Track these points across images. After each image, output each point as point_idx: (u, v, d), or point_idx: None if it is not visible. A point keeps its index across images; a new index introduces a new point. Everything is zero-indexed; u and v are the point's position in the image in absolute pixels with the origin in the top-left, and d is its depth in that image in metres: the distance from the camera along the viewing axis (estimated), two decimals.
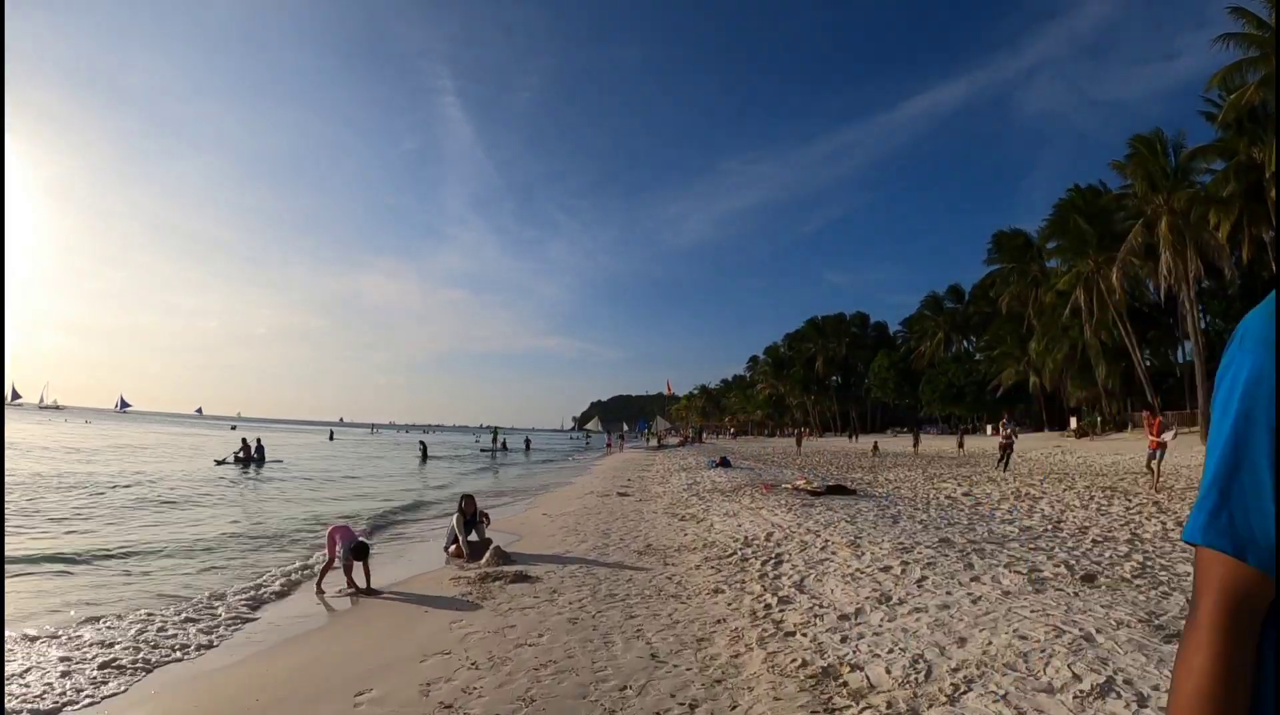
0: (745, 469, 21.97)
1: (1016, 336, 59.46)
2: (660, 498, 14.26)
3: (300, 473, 23.73)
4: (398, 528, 11.84)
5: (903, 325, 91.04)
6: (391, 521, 12.69)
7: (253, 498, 16.16)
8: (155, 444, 38.71)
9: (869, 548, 7.47)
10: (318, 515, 12.72)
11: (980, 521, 9.84)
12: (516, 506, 14.76)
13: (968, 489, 15.16)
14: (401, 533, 11.17)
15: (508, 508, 14.53)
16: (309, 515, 12.83)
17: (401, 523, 12.46)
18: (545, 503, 14.86)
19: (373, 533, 10.60)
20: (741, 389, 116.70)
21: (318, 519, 12.09)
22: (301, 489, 18.32)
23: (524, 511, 13.42)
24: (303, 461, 30.61)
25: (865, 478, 18.91)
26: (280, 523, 11.77)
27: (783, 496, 12.67)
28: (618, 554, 8.00)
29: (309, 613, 6.28)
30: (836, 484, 13.77)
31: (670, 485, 17.01)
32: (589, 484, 19.64)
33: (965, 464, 25.24)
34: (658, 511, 11.86)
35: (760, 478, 17.66)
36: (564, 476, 25.28)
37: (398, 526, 12.05)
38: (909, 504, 11.96)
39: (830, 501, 11.89)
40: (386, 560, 8.92)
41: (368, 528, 11.10)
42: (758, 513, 10.55)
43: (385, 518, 12.94)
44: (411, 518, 13.24)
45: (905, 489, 15.42)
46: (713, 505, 11.97)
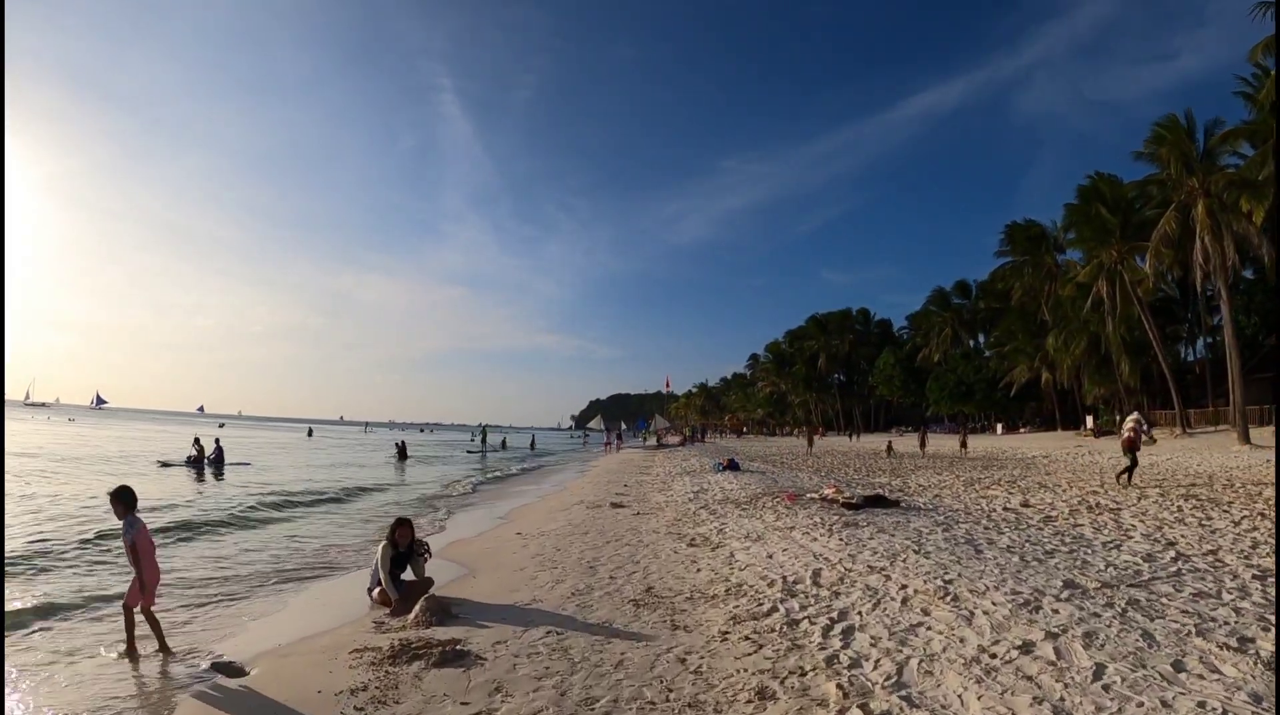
0: (756, 472, 19.56)
1: (1029, 332, 57.18)
2: (662, 510, 11.86)
3: (259, 477, 21.29)
4: (332, 551, 9.40)
5: (907, 322, 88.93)
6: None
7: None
8: (117, 445, 36.26)
9: (973, 600, 5.11)
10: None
11: (1079, 547, 7.51)
12: (485, 520, 12.37)
13: (1023, 497, 12.81)
14: (336, 561, 8.75)
15: (474, 522, 12.15)
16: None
17: (337, 547, 10.00)
18: (523, 516, 12.43)
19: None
20: (742, 387, 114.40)
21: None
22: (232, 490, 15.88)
23: (493, 528, 10.99)
24: (275, 463, 28.18)
25: (893, 482, 16.55)
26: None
27: (813, 510, 10.30)
28: (605, 604, 5.60)
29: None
30: (875, 494, 11.40)
31: (673, 493, 14.63)
32: (580, 490, 17.23)
33: (992, 465, 22.87)
34: (659, 531, 9.46)
35: (778, 484, 15.27)
36: (552, 480, 22.87)
37: (332, 547, 9.61)
38: (970, 519, 9.60)
39: (874, 517, 9.52)
40: (287, 599, 6.54)
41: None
42: (789, 535, 8.17)
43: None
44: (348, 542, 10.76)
45: (948, 497, 13.09)
46: (728, 522, 9.59)
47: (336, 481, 19.68)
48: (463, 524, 11.90)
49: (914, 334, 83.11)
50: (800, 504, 11.11)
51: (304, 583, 7.34)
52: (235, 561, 8.37)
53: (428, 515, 13.22)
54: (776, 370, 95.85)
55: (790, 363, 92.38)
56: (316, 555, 9.00)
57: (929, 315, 77.17)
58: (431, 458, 36.66)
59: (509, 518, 12.24)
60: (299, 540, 10.11)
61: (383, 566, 5.89)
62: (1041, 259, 56.72)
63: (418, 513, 13.22)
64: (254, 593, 6.75)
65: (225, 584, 7.12)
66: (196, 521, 11.21)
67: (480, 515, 13.13)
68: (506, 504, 14.97)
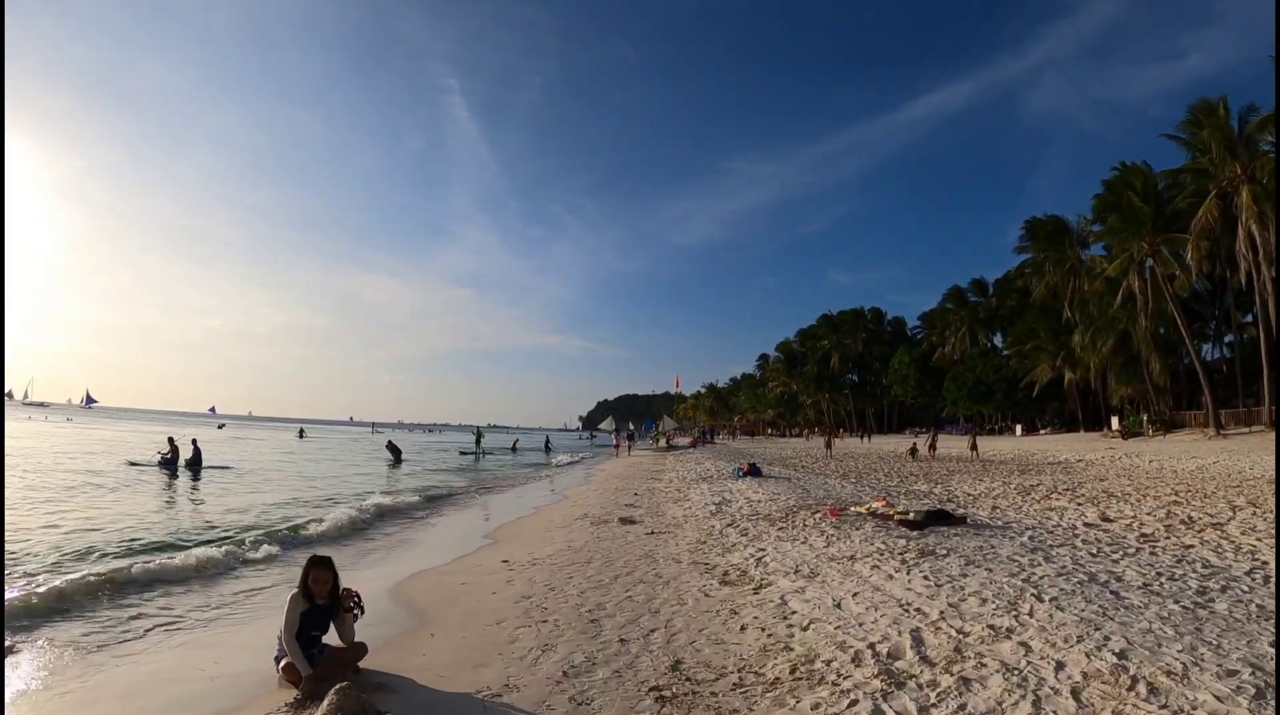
0: (780, 478, 17.62)
1: (1051, 330, 55.00)
2: (681, 528, 9.98)
3: (238, 479, 19.53)
4: (252, 577, 7.47)
5: (920, 321, 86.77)
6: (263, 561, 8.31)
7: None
8: (104, 444, 34.63)
9: (1179, 691, 3.25)
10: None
11: (1229, 582, 5.67)
12: (465, 539, 10.24)
13: (1099, 510, 10.90)
14: (256, 588, 6.88)
15: (450, 542, 10.06)
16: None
17: (258, 566, 8.06)
18: (513, 535, 10.38)
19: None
20: (751, 388, 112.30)
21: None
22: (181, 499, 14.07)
23: (474, 552, 8.90)
24: (260, 465, 26.44)
25: (935, 490, 14.63)
26: None
27: (866, 530, 8.40)
28: (612, 696, 3.73)
29: None
30: (936, 509, 9.47)
31: (691, 504, 12.75)
32: (584, 500, 15.30)
33: (1029, 469, 20.80)
34: (681, 558, 7.58)
35: (810, 494, 13.35)
36: (554, 486, 20.98)
37: (254, 570, 7.67)
38: (1062, 541, 7.71)
39: (945, 539, 7.64)
40: (161, 652, 4.68)
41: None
42: (851, 568, 6.29)
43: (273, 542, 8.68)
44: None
45: (1009, 510, 11.19)
46: (766, 547, 7.69)
47: (300, 494, 17.76)
48: (435, 545, 9.86)
49: (929, 333, 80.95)
50: (847, 520, 9.23)
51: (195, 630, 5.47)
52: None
53: (393, 531, 11.23)
54: (787, 370, 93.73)
55: (802, 362, 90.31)
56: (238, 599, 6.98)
57: (945, 313, 75.03)
58: (424, 460, 34.52)
59: (495, 537, 10.25)
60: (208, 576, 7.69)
61: (287, 629, 4.03)
62: (1064, 254, 54.61)
63: (369, 531, 11.25)
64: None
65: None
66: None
67: (460, 533, 11.10)
68: (496, 517, 12.97)
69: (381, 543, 9.98)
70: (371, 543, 10.01)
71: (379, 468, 28.20)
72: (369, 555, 9.01)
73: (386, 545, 9.74)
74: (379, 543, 9.98)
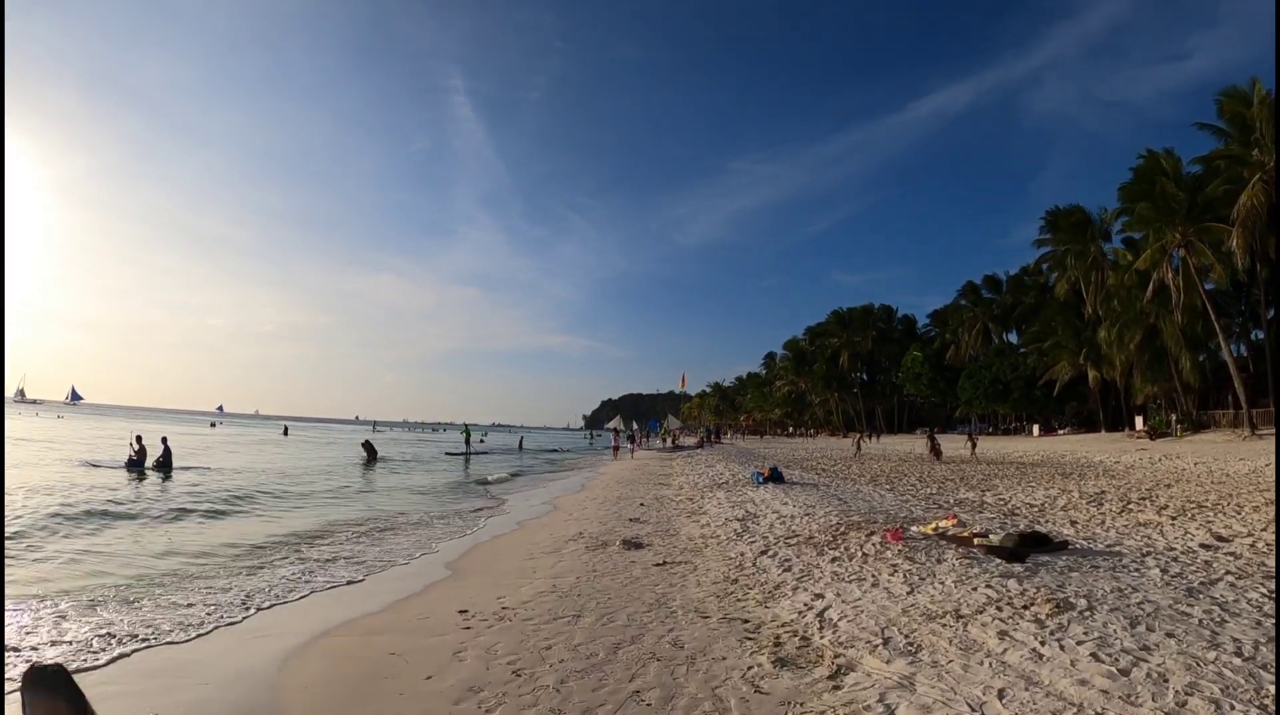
0: (808, 485, 15.68)
1: (1072, 326, 52.85)
2: (701, 555, 8.09)
3: (210, 484, 17.73)
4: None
5: (930, 318, 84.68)
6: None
7: None
8: (84, 441, 32.92)
9: None
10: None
11: None
12: (417, 571, 8.05)
13: (1208, 529, 9.00)
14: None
15: (394, 575, 7.87)
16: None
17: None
18: (481, 566, 8.14)
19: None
20: (758, 386, 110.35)
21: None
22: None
23: (421, 592, 6.90)
24: (238, 465, 24.65)
25: (984, 498, 12.73)
26: None
27: (950, 563, 6.50)
28: None
29: None
30: (1029, 531, 7.55)
31: (709, 519, 10.86)
32: (580, 512, 13.30)
33: (1071, 473, 18.77)
34: (708, 611, 5.66)
35: (849, 506, 11.42)
36: (547, 492, 19.01)
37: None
38: (1199, 573, 5.83)
39: (1063, 576, 5.75)
40: None
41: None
42: (966, 635, 4.41)
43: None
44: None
45: (1089, 524, 9.33)
46: (827, 594, 5.77)
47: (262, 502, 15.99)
48: (376, 577, 7.70)
49: (941, 331, 78.84)
50: (917, 546, 7.34)
51: None
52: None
53: (325, 550, 9.28)
54: (795, 368, 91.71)
55: (810, 361, 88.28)
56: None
57: (959, 310, 72.98)
58: (408, 461, 32.51)
59: (457, 569, 8.01)
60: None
61: None
62: (1086, 247, 52.46)
63: (301, 547, 9.43)
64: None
65: None
66: None
67: (409, 559, 8.77)
68: (468, 536, 10.82)
69: (304, 568, 8.06)
70: (296, 566, 8.15)
71: (353, 468, 26.59)
72: (285, 585, 7.16)
73: (306, 573, 7.77)
74: (302, 567, 8.08)
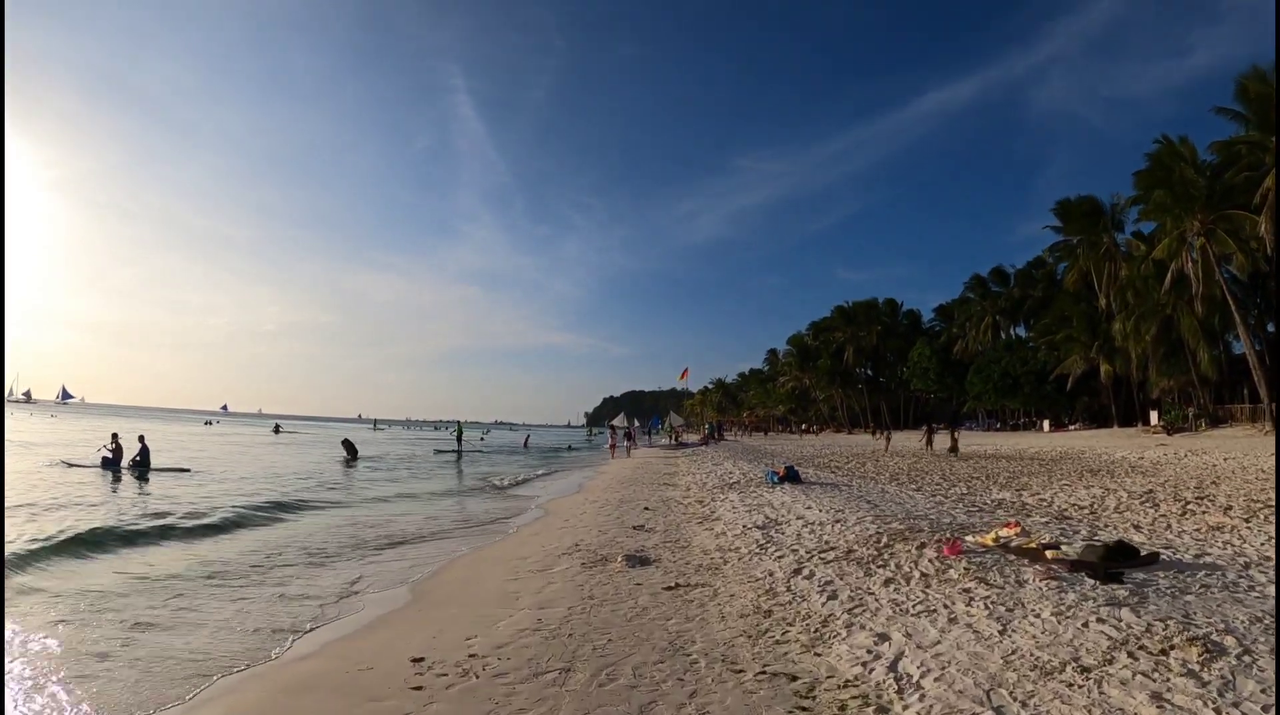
0: (827, 485, 14.48)
1: (1085, 319, 51.52)
2: (720, 573, 6.91)
3: (179, 491, 16.67)
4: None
5: (935, 313, 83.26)
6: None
7: None
8: (66, 440, 31.88)
9: None
10: None
11: None
12: (374, 605, 6.52)
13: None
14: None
15: (337, 607, 6.40)
16: None
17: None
18: (450, 590, 6.83)
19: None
20: (761, 383, 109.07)
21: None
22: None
23: (373, 625, 5.71)
24: (223, 465, 23.59)
25: (1022, 499, 11.58)
26: None
27: (1036, 585, 5.30)
28: None
29: None
30: (1115, 543, 6.36)
31: (724, 526, 9.69)
32: (577, 516, 12.05)
33: (1100, 471, 17.59)
34: (741, 663, 4.28)
35: (885, 511, 10.23)
36: (543, 494, 17.83)
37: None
38: None
39: (1173, 602, 4.60)
40: None
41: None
42: (1105, 697, 3.23)
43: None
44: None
45: (1156, 529, 8.19)
46: (892, 633, 4.46)
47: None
48: (309, 607, 6.33)
49: (948, 325, 77.48)
50: (979, 561, 6.18)
51: None
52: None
53: (293, 568, 8.15)
54: (800, 364, 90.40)
55: (815, 356, 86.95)
56: None
57: (967, 304, 71.65)
58: (393, 460, 31.38)
59: (423, 593, 6.72)
60: None
61: None
62: (1098, 238, 51.12)
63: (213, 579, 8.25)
64: None
65: None
66: None
67: (369, 577, 7.48)
68: (445, 548, 9.43)
69: (262, 596, 6.82)
70: (259, 590, 7.00)
71: (333, 467, 25.63)
72: (209, 623, 5.99)
73: (260, 599, 6.58)
74: (261, 595, 6.88)
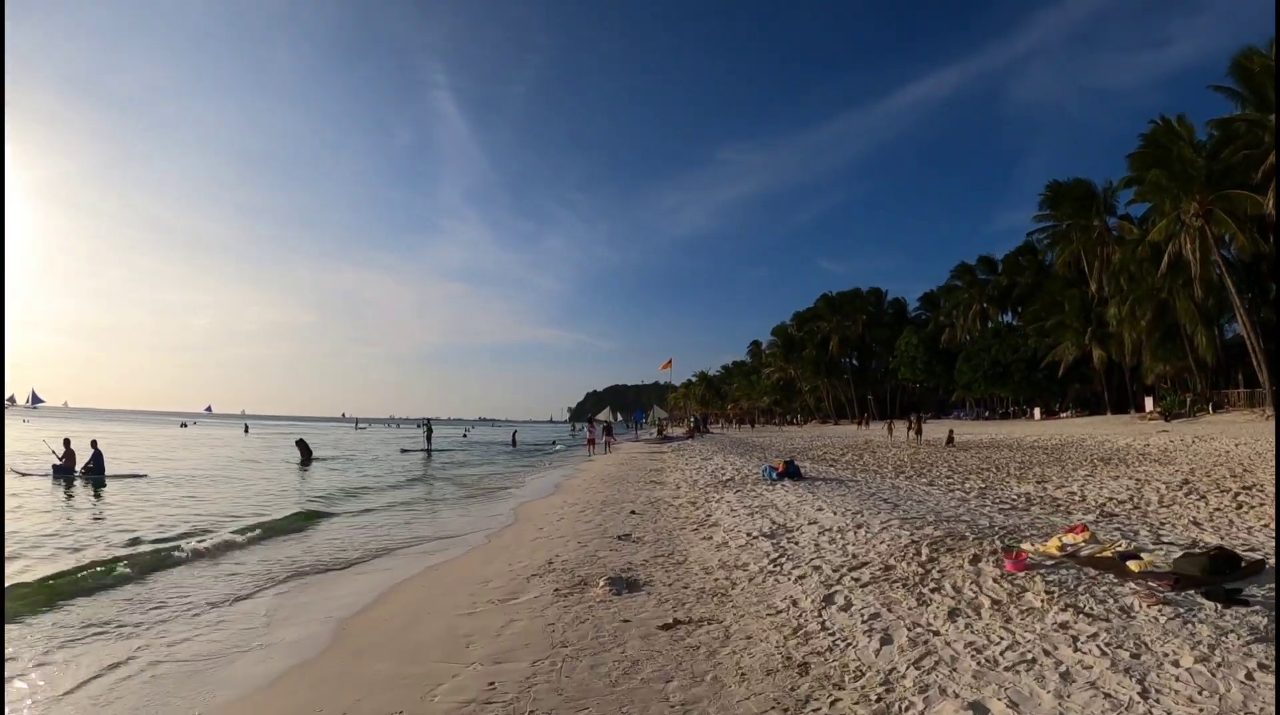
0: (831, 481, 12.81)
1: (1077, 304, 50.51)
2: (729, 599, 5.14)
3: (143, 494, 14.64)
4: None
5: (919, 303, 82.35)
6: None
7: None
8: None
9: None
10: None
11: None
12: (284, 626, 5.39)
13: None
14: None
15: (234, 640, 5.04)
16: None
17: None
18: (384, 627, 5.21)
19: None
20: (745, 375, 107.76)
21: None
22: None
23: (271, 688, 4.04)
24: (183, 470, 21.44)
25: (1046, 491, 9.97)
26: None
27: (1144, 611, 3.68)
28: None
29: None
30: (1216, 551, 4.75)
31: (725, 534, 7.93)
32: (549, 525, 10.07)
33: (1110, 460, 16.10)
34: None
35: (907, 512, 8.56)
36: (518, 494, 15.93)
37: None
38: None
39: None
40: None
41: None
42: None
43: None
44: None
45: (1222, 527, 6.59)
46: (987, 695, 3.00)
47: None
48: (203, 644, 4.96)
49: (934, 314, 76.55)
50: (1056, 579, 4.53)
51: None
52: None
53: (197, 582, 6.46)
54: (784, 355, 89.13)
55: (799, 347, 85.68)
56: None
57: (954, 292, 70.63)
58: (369, 459, 29.31)
59: (346, 634, 5.08)
60: None
61: None
62: (1090, 222, 50.09)
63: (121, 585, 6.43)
64: None
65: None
66: None
67: (284, 611, 5.82)
68: (377, 569, 7.60)
69: (139, 655, 4.95)
70: (125, 645, 5.15)
71: (287, 468, 23.70)
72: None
73: (132, 659, 4.77)
74: (137, 652, 5.06)
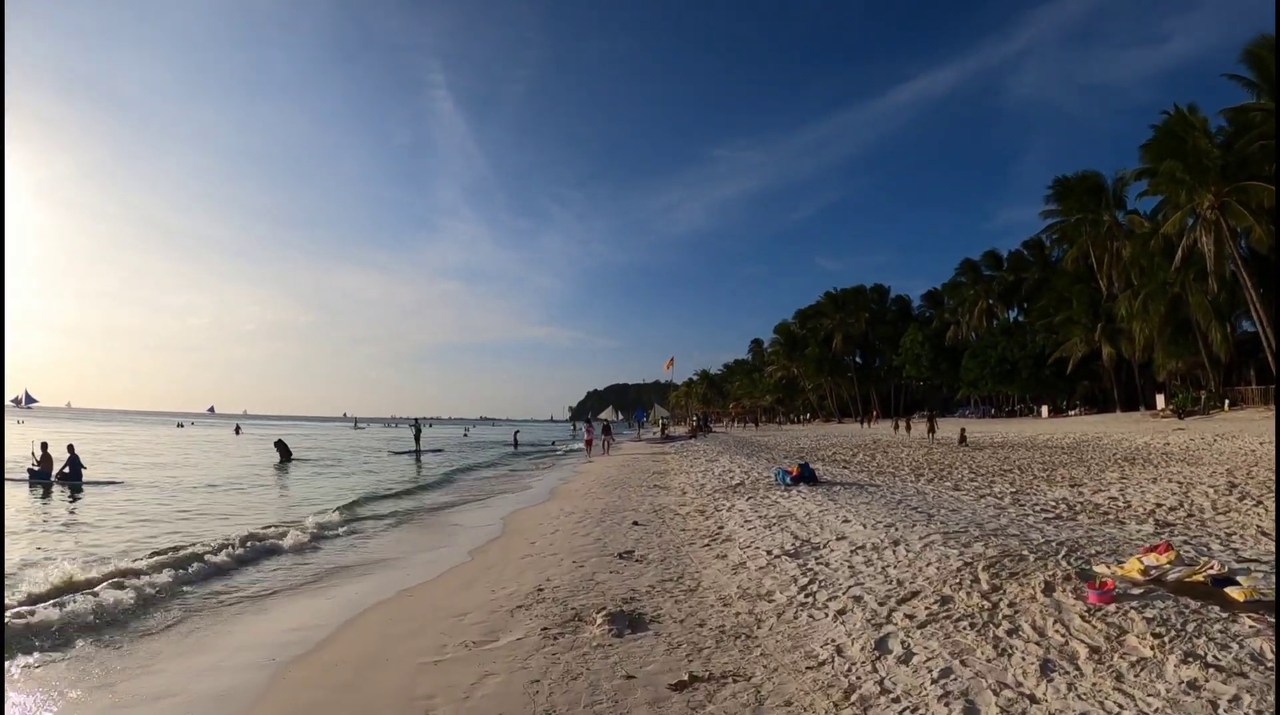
0: (848, 485, 11.93)
1: (1086, 300, 49.46)
2: (756, 643, 4.25)
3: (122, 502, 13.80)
4: None
5: (923, 300, 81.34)
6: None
7: None
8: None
9: None
10: None
11: None
12: (210, 676, 4.33)
13: None
14: None
15: (165, 692, 4.08)
16: None
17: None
18: (330, 683, 4.11)
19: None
20: (746, 373, 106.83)
21: None
22: None
23: None
24: (166, 475, 20.58)
25: (1084, 498, 9.07)
26: None
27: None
28: None
29: None
30: None
31: (740, 551, 7.03)
32: (542, 540, 9.09)
33: (1133, 461, 15.18)
34: None
35: (943, 523, 7.66)
36: (506, 502, 14.88)
37: None
38: None
39: None
40: None
41: None
42: None
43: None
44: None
45: None
46: None
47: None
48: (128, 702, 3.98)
49: (938, 311, 75.55)
50: (1147, 615, 3.66)
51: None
52: None
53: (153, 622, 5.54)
54: (787, 353, 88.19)
55: (802, 344, 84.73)
56: None
57: (958, 288, 69.58)
58: (345, 461, 28.57)
59: (277, 688, 4.12)
60: None
61: None
62: (1100, 215, 49.03)
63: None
64: None
65: None
66: None
67: (213, 656, 4.80)
68: (351, 595, 6.62)
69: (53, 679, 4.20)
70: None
71: (266, 469, 23.12)
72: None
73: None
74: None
